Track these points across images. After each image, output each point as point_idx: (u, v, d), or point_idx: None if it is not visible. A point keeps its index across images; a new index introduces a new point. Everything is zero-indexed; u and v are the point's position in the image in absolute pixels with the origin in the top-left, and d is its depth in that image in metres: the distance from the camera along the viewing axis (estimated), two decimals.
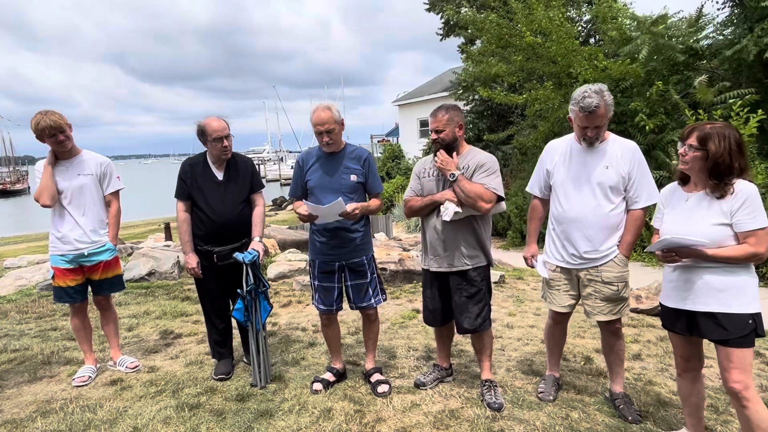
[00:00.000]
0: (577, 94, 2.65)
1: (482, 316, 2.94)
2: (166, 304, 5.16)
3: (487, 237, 2.98)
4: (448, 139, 2.90)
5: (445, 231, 2.93)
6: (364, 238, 3.11)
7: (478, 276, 2.95)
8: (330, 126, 2.91)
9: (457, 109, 2.92)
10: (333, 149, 3.01)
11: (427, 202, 2.93)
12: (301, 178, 3.11)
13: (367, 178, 3.07)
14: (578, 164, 2.75)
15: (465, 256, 2.93)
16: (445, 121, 2.88)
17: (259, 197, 3.34)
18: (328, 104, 2.94)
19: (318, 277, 3.12)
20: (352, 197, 3.02)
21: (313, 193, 3.06)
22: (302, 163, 3.12)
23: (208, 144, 3.16)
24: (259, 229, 3.27)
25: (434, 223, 2.97)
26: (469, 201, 2.80)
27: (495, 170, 2.87)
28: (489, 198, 2.80)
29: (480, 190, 2.79)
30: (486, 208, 2.80)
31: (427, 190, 2.99)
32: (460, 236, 2.92)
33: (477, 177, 2.85)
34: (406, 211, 3.09)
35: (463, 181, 2.82)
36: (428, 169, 3.03)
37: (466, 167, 2.89)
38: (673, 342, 2.42)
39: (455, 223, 2.89)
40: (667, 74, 8.15)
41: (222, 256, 3.20)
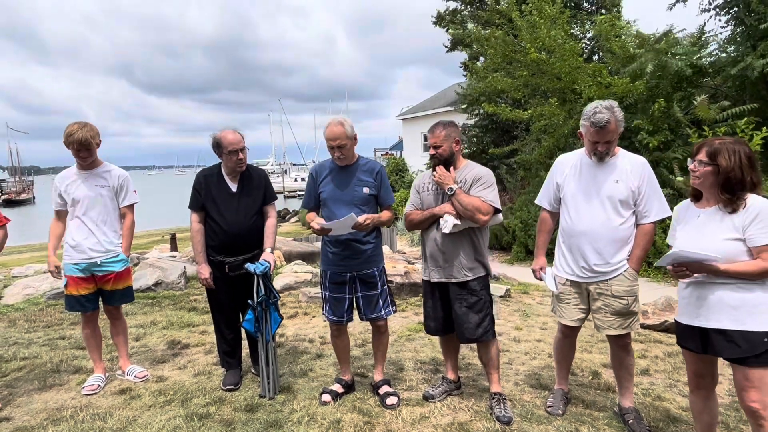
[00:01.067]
0: (589, 110, 2.70)
1: (483, 326, 2.96)
2: (173, 314, 5.17)
3: (485, 248, 3.03)
4: (446, 154, 2.97)
5: (445, 243, 2.97)
6: (375, 250, 3.14)
7: (477, 285, 2.98)
8: (342, 141, 2.96)
9: (453, 125, 3.00)
10: (345, 163, 3.06)
11: (427, 215, 2.99)
12: (315, 190, 3.14)
13: (380, 190, 3.11)
14: (588, 178, 2.79)
15: (464, 267, 2.97)
16: (443, 137, 2.95)
17: (272, 209, 3.37)
18: (341, 119, 2.99)
19: (329, 288, 3.14)
20: (365, 209, 3.05)
21: (326, 204, 3.10)
22: (315, 175, 3.16)
23: (224, 156, 3.21)
24: (271, 240, 3.29)
25: (434, 235, 3.01)
26: (467, 213, 2.86)
27: (491, 183, 2.94)
28: (486, 210, 2.87)
29: (477, 203, 2.86)
30: (484, 220, 2.87)
31: (427, 204, 3.05)
32: (460, 248, 2.96)
33: (474, 190, 2.91)
34: (406, 224, 3.14)
35: (460, 194, 2.89)
36: (427, 184, 3.09)
37: (464, 181, 2.95)
38: (686, 359, 2.41)
39: (454, 235, 2.94)
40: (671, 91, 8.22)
41: (234, 266, 3.23)
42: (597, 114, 2.65)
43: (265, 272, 3.11)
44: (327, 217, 3.10)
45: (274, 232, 3.33)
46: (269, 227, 3.32)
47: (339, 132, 2.96)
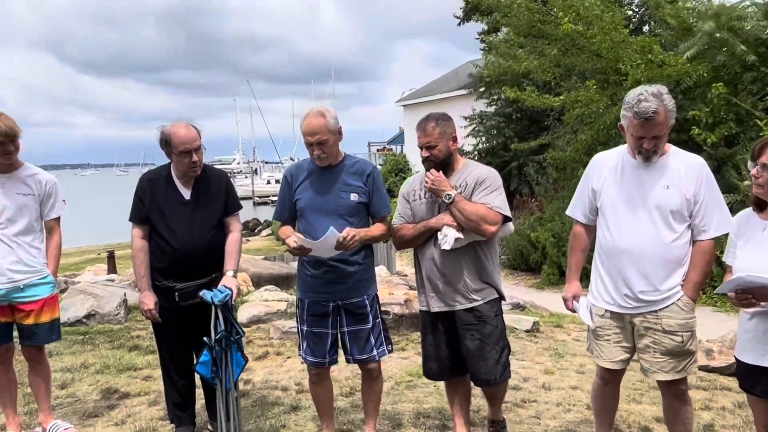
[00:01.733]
0: (631, 98, 2.73)
1: (502, 361, 3.02)
2: (110, 354, 5.16)
3: (494, 265, 3.10)
4: (442, 155, 3.04)
5: (445, 262, 3.02)
6: (365, 273, 3.16)
7: (490, 311, 3.03)
8: (323, 137, 3.00)
9: (448, 118, 3.09)
10: (327, 163, 3.10)
11: (421, 229, 3.06)
12: (290, 197, 3.17)
13: (371, 197, 3.14)
14: (632, 182, 2.82)
15: (471, 290, 3.03)
16: (437, 134, 3.02)
17: (235, 221, 3.39)
18: (322, 109, 3.03)
19: (307, 321, 3.16)
20: (352, 221, 3.09)
21: (304, 215, 3.13)
22: (291, 178, 3.19)
23: (174, 157, 3.24)
24: (234, 260, 3.31)
25: (431, 253, 3.06)
26: (470, 224, 2.93)
27: (497, 186, 3.03)
28: (493, 219, 2.94)
29: (482, 211, 2.93)
30: (491, 231, 2.94)
31: (420, 216, 3.11)
32: (463, 267, 3.02)
33: (477, 195, 2.99)
34: (395, 241, 3.19)
35: (461, 201, 2.96)
36: (418, 191, 3.14)
37: (464, 185, 3.02)
38: (753, 407, 2.43)
39: (456, 252, 2.99)
40: (739, 71, 8.30)
41: (186, 294, 3.24)
42: (642, 102, 2.68)
43: (225, 301, 3.12)
44: (305, 231, 3.13)
45: (237, 250, 3.34)
46: (232, 244, 3.33)
47: (319, 125, 2.99)
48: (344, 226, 3.02)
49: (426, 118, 3.09)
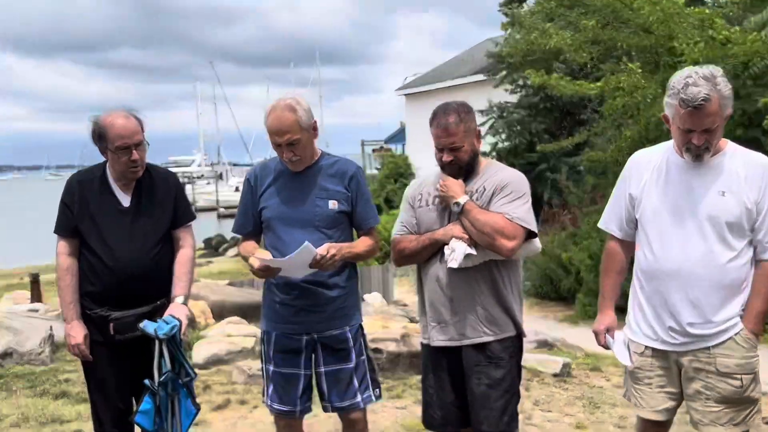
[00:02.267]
0: (677, 81, 2.76)
1: (509, 412, 3.06)
2: (30, 403, 5.14)
3: (514, 293, 3.14)
4: (468, 157, 3.10)
5: (453, 284, 3.06)
6: (348, 299, 3.21)
7: (504, 352, 3.08)
8: (293, 136, 3.05)
9: (469, 110, 3.14)
10: (301, 166, 3.17)
11: (425, 242, 3.11)
12: (253, 205, 3.22)
13: (355, 204, 3.19)
14: (679, 187, 2.84)
15: (483, 322, 3.07)
16: (462, 132, 3.06)
17: (187, 235, 3.43)
18: (291, 102, 3.08)
19: (274, 360, 3.18)
20: (331, 234, 3.13)
21: (271, 227, 3.17)
22: (255, 181, 3.24)
23: (109, 154, 3.26)
24: (185, 284, 3.34)
25: (436, 272, 3.11)
26: (483, 239, 2.98)
27: (522, 193, 3.06)
28: (512, 232, 2.98)
29: (499, 222, 2.98)
30: (508, 248, 2.97)
31: (426, 226, 3.16)
32: (476, 291, 3.06)
33: (496, 203, 3.05)
34: (395, 255, 3.23)
35: (473, 210, 3.02)
36: (426, 195, 3.20)
37: (481, 190, 3.09)
38: None
39: (467, 272, 3.03)
40: None
41: (123, 326, 3.25)
42: (690, 87, 2.70)
43: (172, 335, 3.14)
44: (272, 247, 3.16)
45: (189, 270, 3.37)
46: (182, 263, 3.37)
47: (288, 122, 3.04)
48: (322, 241, 3.05)
49: (445, 111, 3.11)
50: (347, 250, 3.11)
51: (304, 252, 2.96)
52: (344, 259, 3.13)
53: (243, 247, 3.28)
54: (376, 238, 3.28)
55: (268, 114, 3.08)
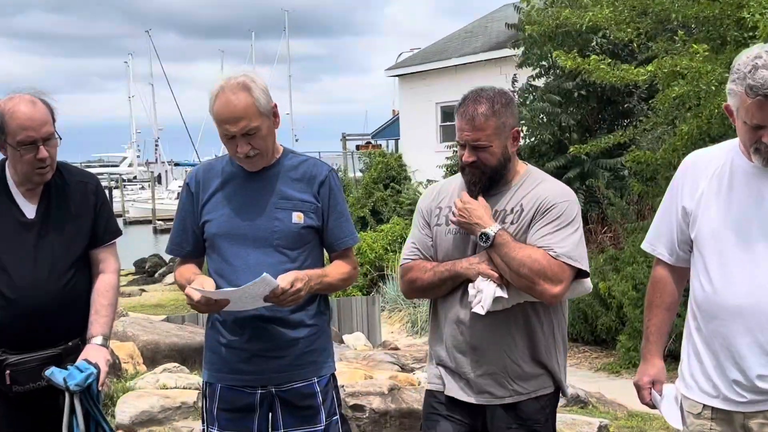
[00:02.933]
0: (743, 63, 2.74)
1: None
2: None
3: (556, 341, 3.17)
4: (495, 162, 3.09)
5: (478, 331, 3.09)
6: (316, 341, 3.22)
7: (540, 413, 3.11)
8: (250, 123, 3.05)
9: (509, 101, 3.13)
10: (261, 165, 3.17)
11: (444, 274, 3.13)
12: (193, 218, 3.24)
13: (326, 218, 3.21)
14: (746, 199, 2.83)
15: (516, 378, 3.09)
16: (493, 128, 3.06)
17: (109, 256, 3.45)
18: (243, 79, 3.08)
19: (219, 420, 3.18)
20: (295, 257, 3.15)
21: (217, 247, 3.19)
22: (196, 186, 3.26)
23: (9, 150, 3.26)
24: (105, 320, 3.34)
25: (456, 313, 3.13)
26: (520, 282, 2.99)
27: (571, 218, 3.07)
28: (557, 275, 2.98)
29: (541, 262, 2.97)
30: (551, 294, 2.99)
31: (445, 250, 3.18)
32: (507, 341, 3.09)
33: (538, 232, 3.05)
34: (404, 286, 3.26)
35: (506, 244, 3.01)
36: (445, 210, 3.22)
37: (518, 210, 3.10)
38: None
39: (496, 316, 3.04)
40: None
41: (23, 373, 3.22)
42: (760, 71, 2.70)
43: (87, 386, 3.12)
44: (218, 273, 3.17)
45: (111, 303, 3.37)
46: (102, 293, 3.37)
47: (242, 105, 3.04)
48: (282, 266, 3.06)
49: (476, 98, 3.11)
50: (317, 280, 3.11)
51: (260, 284, 2.94)
52: (313, 292, 3.13)
53: (180, 272, 3.28)
54: (353, 263, 3.30)
55: (215, 96, 3.07)
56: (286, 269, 3.06)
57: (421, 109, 24.17)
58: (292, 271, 3.04)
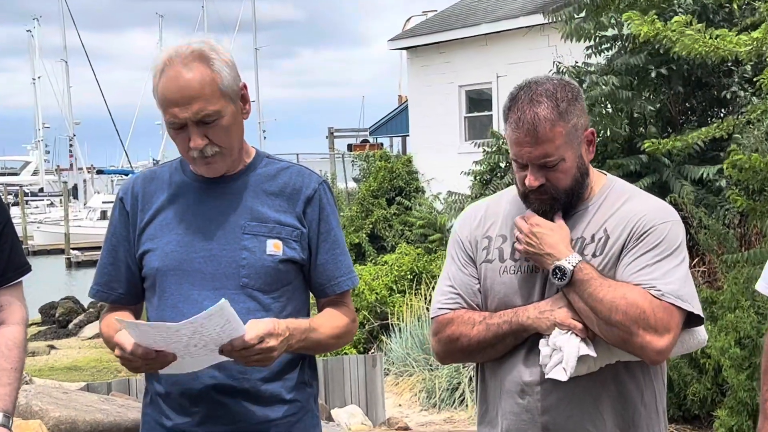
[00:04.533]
0: None
1: None
2: None
3: (658, 417, 3.19)
4: (570, 180, 3.11)
5: (552, 404, 3.09)
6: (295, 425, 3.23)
7: None
8: (207, 107, 3.04)
9: (577, 95, 3.14)
10: (222, 170, 3.19)
11: (504, 328, 3.11)
12: (128, 248, 3.28)
13: (315, 248, 3.25)
14: None
15: None
16: (563, 136, 3.05)
17: (13, 302, 3.49)
18: (199, 46, 3.10)
19: None
20: (269, 303, 3.17)
21: (160, 288, 3.21)
22: (132, 203, 3.29)
23: None
24: (7, 390, 3.36)
25: (518, 380, 3.13)
26: (612, 332, 2.96)
27: (675, 245, 3.07)
28: (663, 321, 2.96)
29: (640, 304, 2.96)
30: (657, 348, 2.96)
31: (500, 295, 3.19)
32: (594, 415, 3.09)
33: (631, 264, 3.05)
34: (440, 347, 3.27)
35: (592, 281, 3.00)
36: (495, 238, 3.25)
37: (601, 238, 3.12)
38: None
39: (578, 383, 3.04)
40: None
41: None
42: None
43: None
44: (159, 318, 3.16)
45: (16, 367, 3.40)
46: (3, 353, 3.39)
47: (196, 79, 3.04)
48: (251, 316, 3.03)
49: (531, 96, 3.06)
50: (301, 335, 3.09)
51: (216, 318, 2.85)
52: (293, 350, 3.11)
53: (107, 322, 3.26)
54: (351, 313, 3.34)
55: (161, 70, 3.07)
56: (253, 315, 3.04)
57: (439, 93, 24.23)
58: (268, 319, 3.00)
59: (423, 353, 13.92)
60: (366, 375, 12.36)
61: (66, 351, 21.58)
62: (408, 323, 14.79)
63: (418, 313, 14.88)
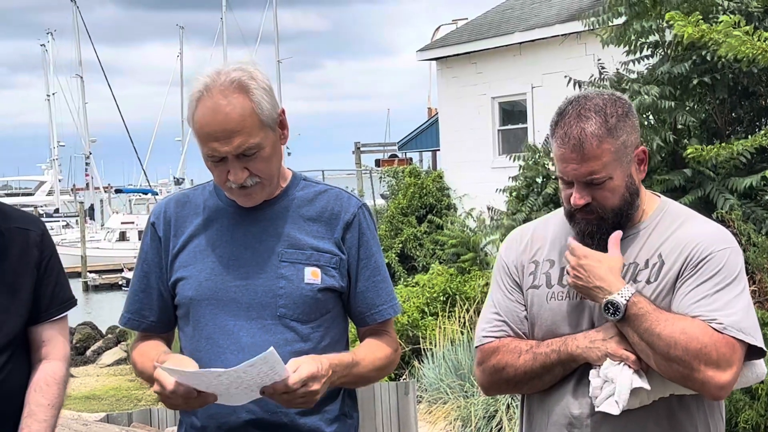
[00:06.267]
0: None
1: None
2: None
3: None
4: (619, 199, 3.13)
5: None
6: None
7: None
8: (248, 141, 3.06)
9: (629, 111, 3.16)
10: (257, 199, 3.22)
11: (552, 358, 3.13)
12: (160, 275, 3.34)
13: (355, 276, 3.29)
14: None
15: None
16: (611, 154, 3.07)
17: (57, 335, 3.56)
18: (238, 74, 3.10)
19: None
20: (308, 333, 3.21)
21: (193, 318, 3.26)
22: (165, 228, 3.34)
23: None
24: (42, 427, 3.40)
25: (566, 412, 3.15)
26: (670, 367, 2.96)
27: (735, 274, 3.07)
28: (725, 356, 2.95)
29: (699, 337, 2.95)
30: (719, 383, 2.96)
31: (548, 323, 3.22)
32: None
33: (689, 294, 3.05)
34: (484, 378, 3.30)
35: (648, 315, 2.99)
36: (543, 262, 3.28)
37: (656, 264, 3.13)
38: None
39: (630, 416, 3.04)
40: None
41: None
42: None
43: None
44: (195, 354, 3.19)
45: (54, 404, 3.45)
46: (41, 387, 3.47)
47: (236, 112, 3.05)
48: (289, 347, 3.09)
49: (578, 111, 3.08)
50: (344, 372, 3.10)
51: (261, 365, 2.87)
52: (336, 385, 3.14)
53: (140, 351, 3.30)
54: (394, 342, 3.35)
55: (197, 100, 3.08)
56: (295, 351, 3.08)
57: (471, 106, 24.45)
58: (308, 357, 3.03)
59: (457, 379, 13.97)
60: (398, 403, 12.36)
61: (83, 379, 21.75)
62: (441, 347, 14.84)
63: (452, 336, 14.97)
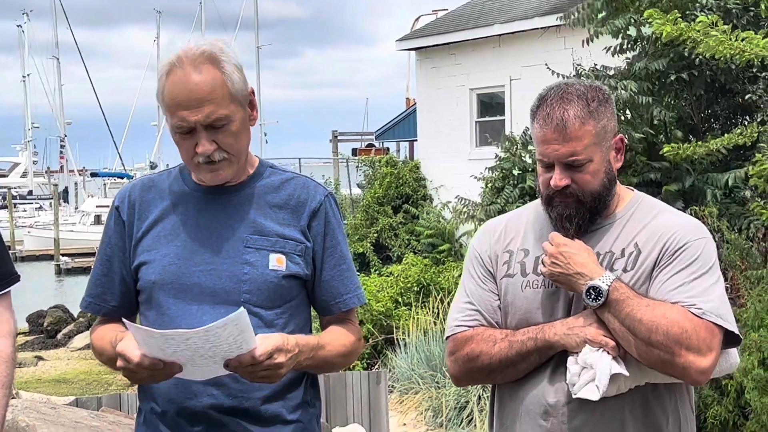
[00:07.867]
0: None
1: None
2: None
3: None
4: (598, 183, 3.14)
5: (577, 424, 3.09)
6: None
7: None
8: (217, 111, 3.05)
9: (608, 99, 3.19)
10: (224, 177, 3.18)
11: (529, 345, 3.11)
12: (123, 258, 3.29)
13: (320, 264, 3.26)
14: None
15: None
16: (591, 136, 3.09)
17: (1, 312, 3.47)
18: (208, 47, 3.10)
19: None
20: (272, 319, 3.17)
21: (155, 303, 3.21)
22: (129, 212, 3.29)
23: None
24: None
25: (542, 401, 3.12)
26: (651, 352, 2.96)
27: (711, 263, 3.11)
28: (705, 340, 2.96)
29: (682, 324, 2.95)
30: (699, 368, 2.96)
31: (522, 312, 3.21)
32: None
33: (668, 281, 3.07)
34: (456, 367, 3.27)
35: (629, 301, 3.00)
36: (517, 252, 3.27)
37: (632, 252, 3.13)
38: None
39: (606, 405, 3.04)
40: None
41: None
42: None
43: None
44: None
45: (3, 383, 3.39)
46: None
47: (206, 82, 3.05)
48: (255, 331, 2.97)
49: (561, 95, 3.12)
50: (310, 353, 3.09)
51: (231, 327, 2.84)
52: (300, 368, 3.12)
53: (99, 334, 3.29)
54: (357, 331, 3.33)
55: (168, 72, 3.07)
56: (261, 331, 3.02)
57: (449, 97, 24.02)
58: (278, 334, 3.02)
59: (429, 370, 13.82)
60: (369, 392, 12.26)
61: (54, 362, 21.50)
62: (414, 338, 14.64)
63: (425, 327, 14.80)
